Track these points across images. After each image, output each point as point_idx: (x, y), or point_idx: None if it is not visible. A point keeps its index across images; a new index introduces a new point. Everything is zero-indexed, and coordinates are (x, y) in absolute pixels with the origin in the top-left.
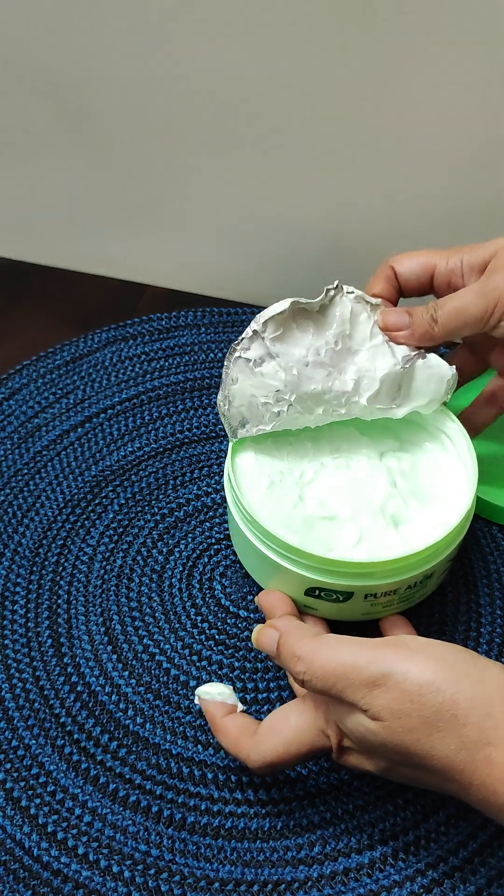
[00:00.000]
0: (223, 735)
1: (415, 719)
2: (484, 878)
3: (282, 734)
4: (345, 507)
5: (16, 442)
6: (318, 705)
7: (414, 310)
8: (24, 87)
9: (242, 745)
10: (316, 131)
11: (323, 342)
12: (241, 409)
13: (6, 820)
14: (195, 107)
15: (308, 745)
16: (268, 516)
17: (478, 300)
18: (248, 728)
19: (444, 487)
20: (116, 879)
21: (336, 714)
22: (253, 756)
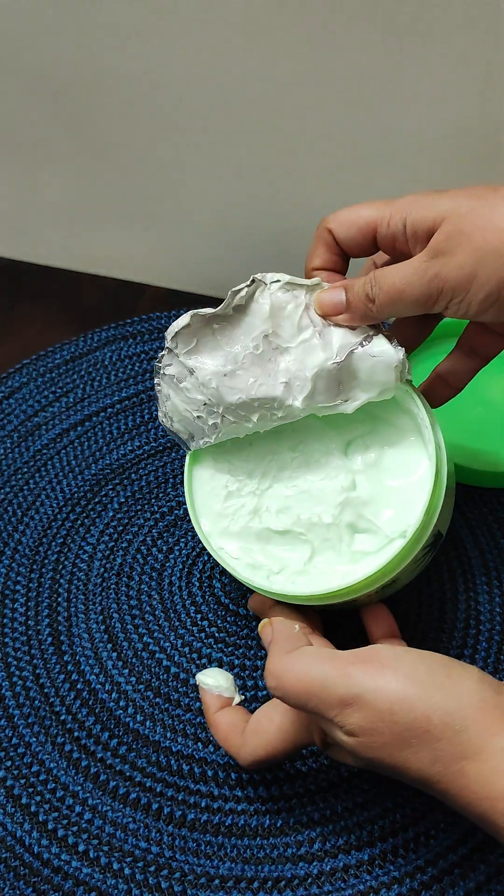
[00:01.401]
0: (214, 729)
1: (387, 736)
2: (483, 875)
3: (267, 733)
4: (300, 516)
5: (16, 440)
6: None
7: (351, 285)
8: (24, 88)
9: (231, 742)
10: (316, 131)
11: (240, 348)
12: (183, 425)
13: (7, 817)
14: (195, 107)
15: (293, 742)
16: (219, 540)
17: (419, 283)
18: (237, 726)
19: (408, 484)
20: (117, 876)
21: (315, 719)
22: (242, 754)
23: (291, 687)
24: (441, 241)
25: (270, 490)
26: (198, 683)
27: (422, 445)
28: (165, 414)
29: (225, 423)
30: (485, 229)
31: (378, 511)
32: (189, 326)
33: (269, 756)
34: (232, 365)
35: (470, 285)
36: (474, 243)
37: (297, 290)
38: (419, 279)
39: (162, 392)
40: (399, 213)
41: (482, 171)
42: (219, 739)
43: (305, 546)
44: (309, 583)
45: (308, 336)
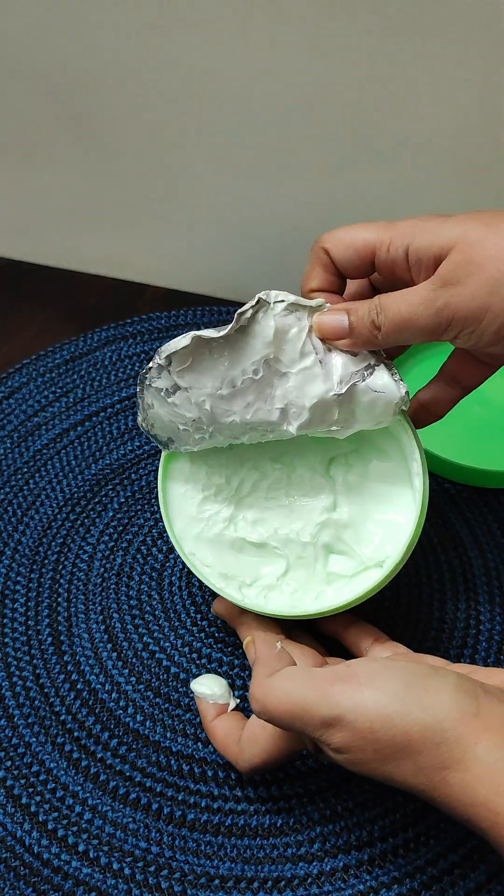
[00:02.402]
0: (212, 737)
1: (370, 753)
2: (483, 875)
3: (262, 741)
4: (277, 531)
5: (15, 440)
6: None
7: (354, 310)
8: (24, 88)
9: (229, 751)
10: (315, 131)
11: (239, 371)
12: (164, 431)
13: (7, 817)
14: (195, 106)
15: (287, 749)
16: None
17: (427, 313)
18: (234, 734)
19: (391, 514)
20: (116, 876)
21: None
22: (240, 762)
23: (275, 710)
24: (450, 270)
25: (248, 499)
26: (193, 691)
27: (406, 475)
28: (145, 419)
29: (212, 438)
30: (497, 258)
31: (357, 536)
32: (188, 347)
33: (266, 763)
34: (229, 388)
35: (483, 316)
36: (486, 273)
37: (301, 311)
38: (427, 309)
39: (144, 401)
40: (401, 238)
41: (482, 171)
42: (217, 748)
43: (280, 561)
44: (280, 598)
45: (310, 364)
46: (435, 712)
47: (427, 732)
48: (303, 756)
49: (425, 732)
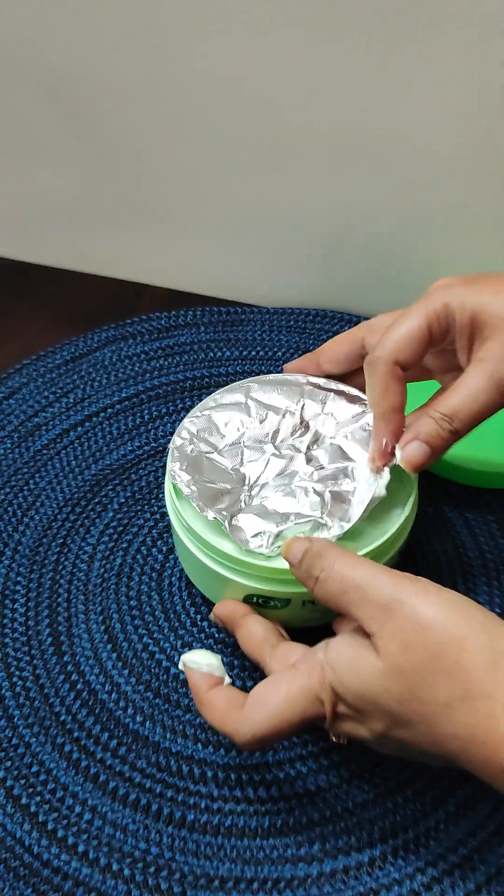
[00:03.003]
0: (208, 709)
1: (420, 653)
2: (483, 876)
3: (272, 703)
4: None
5: (16, 441)
6: (311, 668)
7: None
8: (25, 88)
9: (230, 718)
10: (316, 131)
11: None
12: None
13: (6, 818)
14: (195, 106)
15: (300, 714)
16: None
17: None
18: (236, 701)
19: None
20: (116, 877)
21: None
22: (242, 730)
23: (339, 573)
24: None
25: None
26: (183, 665)
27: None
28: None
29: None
30: None
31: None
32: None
33: (272, 730)
34: None
35: None
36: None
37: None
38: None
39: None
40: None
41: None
42: (213, 718)
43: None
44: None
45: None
46: (493, 638)
47: (481, 651)
48: (302, 756)
49: (479, 651)
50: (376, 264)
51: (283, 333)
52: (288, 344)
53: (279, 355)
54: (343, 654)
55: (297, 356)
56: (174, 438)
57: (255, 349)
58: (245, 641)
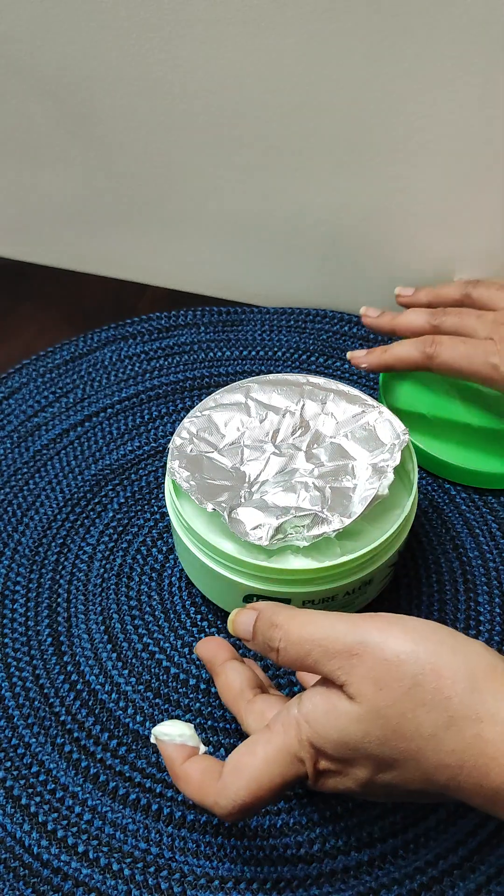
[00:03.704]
0: (184, 783)
1: (396, 691)
2: (483, 876)
3: (250, 769)
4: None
5: (15, 441)
6: (286, 727)
7: None
8: (25, 88)
9: (208, 791)
10: (316, 131)
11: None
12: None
13: (6, 818)
14: (195, 106)
15: (280, 777)
16: (205, 523)
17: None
18: (213, 771)
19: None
20: (116, 877)
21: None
22: (222, 802)
23: (297, 635)
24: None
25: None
26: (155, 738)
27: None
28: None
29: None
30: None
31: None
32: None
33: (253, 798)
34: None
35: None
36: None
37: None
38: None
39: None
40: None
41: (482, 171)
42: (191, 792)
43: None
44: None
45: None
46: (466, 659)
47: (457, 674)
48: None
49: (456, 674)
50: (376, 264)
51: (283, 333)
52: (288, 344)
53: (279, 355)
54: (318, 705)
55: (297, 356)
56: (174, 438)
57: (255, 349)
58: (222, 691)
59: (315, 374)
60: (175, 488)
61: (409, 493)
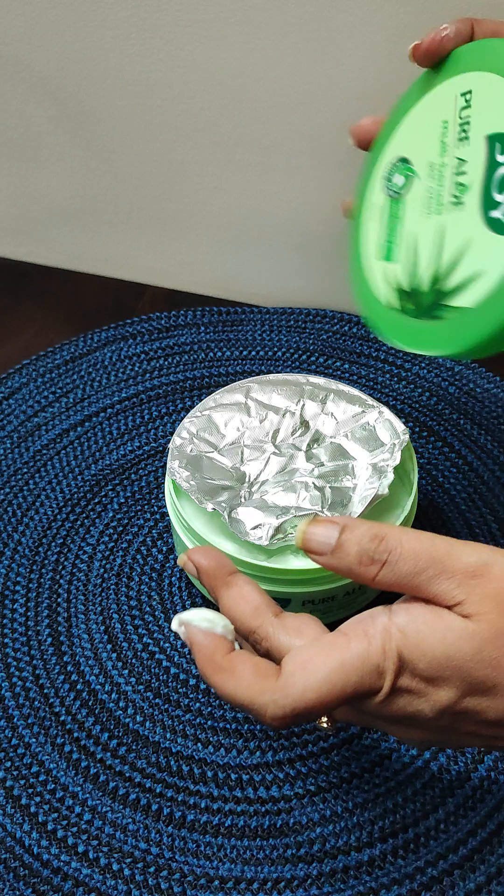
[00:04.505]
0: (228, 675)
1: None
2: (484, 876)
3: (324, 670)
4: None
5: (15, 441)
6: (371, 634)
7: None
8: (24, 88)
9: (264, 686)
10: (316, 131)
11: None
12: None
13: (6, 818)
14: (195, 107)
15: (354, 686)
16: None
17: None
18: (268, 667)
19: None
20: (116, 877)
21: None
22: (282, 701)
23: (410, 548)
24: None
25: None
26: (183, 625)
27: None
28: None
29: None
30: None
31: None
32: None
33: (319, 703)
34: None
35: None
36: None
37: None
38: None
39: None
40: None
41: None
42: (238, 687)
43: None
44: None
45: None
46: None
47: None
48: (302, 757)
49: None
50: None
51: (283, 333)
52: (288, 344)
53: (279, 355)
54: (418, 617)
55: (297, 356)
56: (174, 438)
57: (255, 349)
58: (235, 603)
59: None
60: (175, 488)
61: (409, 493)
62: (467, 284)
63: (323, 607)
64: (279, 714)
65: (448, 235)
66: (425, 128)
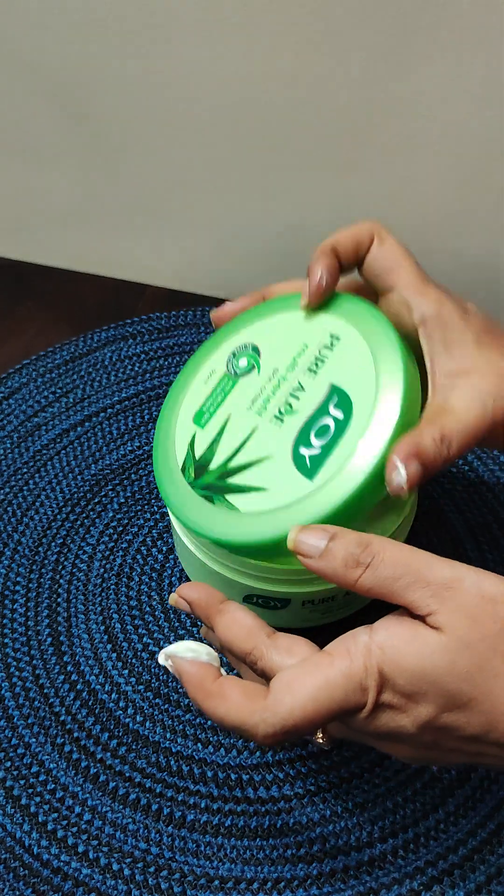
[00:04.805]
0: (219, 700)
1: (490, 627)
2: (483, 876)
3: (309, 689)
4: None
5: (15, 441)
6: (353, 652)
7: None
8: (24, 87)
9: (252, 707)
10: (316, 131)
11: None
12: None
13: (6, 818)
14: (195, 106)
15: (339, 703)
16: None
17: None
18: (256, 689)
19: None
20: (116, 877)
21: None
22: (271, 720)
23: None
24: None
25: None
26: (169, 658)
27: None
28: None
29: None
30: None
31: None
32: None
33: (305, 720)
34: None
35: None
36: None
37: None
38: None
39: None
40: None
41: (482, 172)
42: (228, 710)
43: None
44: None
45: None
46: None
47: None
48: (302, 757)
49: None
50: None
51: None
52: None
53: None
54: (396, 633)
55: None
56: None
57: None
58: (230, 629)
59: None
60: None
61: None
62: (247, 491)
63: (323, 607)
64: (270, 732)
65: (255, 438)
66: (287, 337)
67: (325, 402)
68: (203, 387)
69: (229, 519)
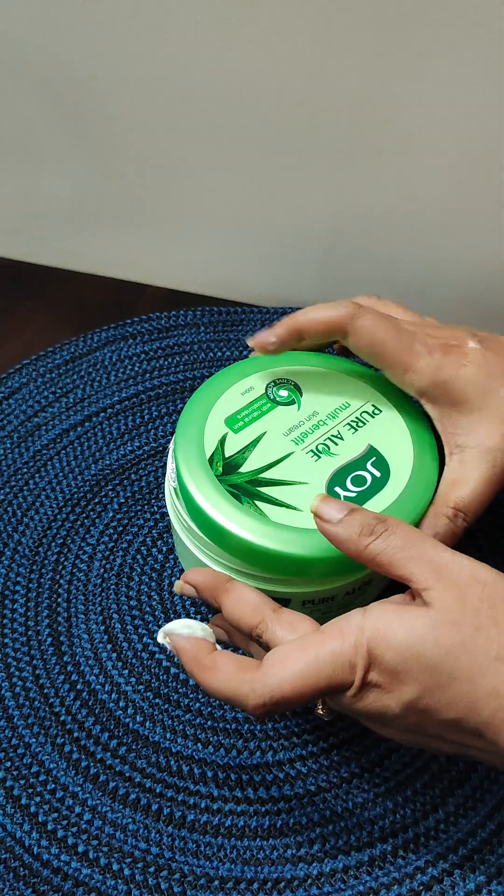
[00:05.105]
0: (213, 672)
1: (477, 605)
2: (484, 876)
3: (299, 664)
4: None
5: (15, 441)
6: (345, 631)
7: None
8: (24, 87)
9: (244, 678)
10: (316, 131)
11: None
12: None
13: (6, 818)
14: (195, 106)
15: (327, 679)
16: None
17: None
18: (248, 662)
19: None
20: (116, 877)
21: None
22: (260, 690)
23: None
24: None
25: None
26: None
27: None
28: None
29: None
30: None
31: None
32: None
33: (295, 693)
34: None
35: None
36: None
37: None
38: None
39: None
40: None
41: (482, 172)
42: (221, 681)
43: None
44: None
45: None
46: None
47: None
48: (302, 757)
49: None
50: (376, 265)
51: None
52: None
53: None
54: (387, 611)
55: None
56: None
57: None
58: (235, 607)
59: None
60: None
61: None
62: (279, 504)
63: (323, 607)
64: (259, 703)
65: (291, 461)
66: (330, 390)
67: (363, 457)
68: (240, 397)
69: (257, 523)
